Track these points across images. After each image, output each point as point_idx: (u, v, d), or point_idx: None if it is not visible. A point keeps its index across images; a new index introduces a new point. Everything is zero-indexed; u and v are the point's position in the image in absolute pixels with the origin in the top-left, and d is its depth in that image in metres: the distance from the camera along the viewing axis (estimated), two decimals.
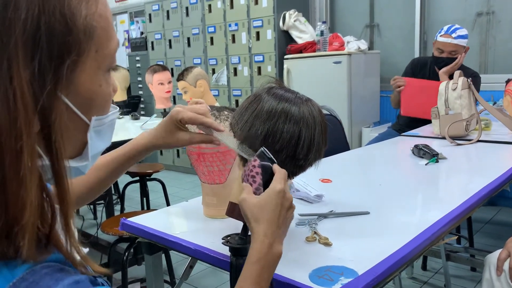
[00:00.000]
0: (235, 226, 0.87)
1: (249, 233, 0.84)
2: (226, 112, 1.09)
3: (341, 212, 1.10)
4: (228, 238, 0.84)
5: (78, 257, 0.49)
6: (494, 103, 2.92)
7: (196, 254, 0.95)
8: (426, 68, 2.88)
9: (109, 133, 0.58)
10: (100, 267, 0.51)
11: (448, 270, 2.33)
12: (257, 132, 0.77)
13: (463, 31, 2.68)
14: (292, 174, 0.82)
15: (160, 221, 1.12)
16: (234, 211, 0.83)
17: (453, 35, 2.66)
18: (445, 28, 2.72)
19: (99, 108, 0.52)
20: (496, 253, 1.29)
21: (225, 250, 0.86)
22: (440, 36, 2.71)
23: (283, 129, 0.77)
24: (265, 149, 0.75)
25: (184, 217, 1.16)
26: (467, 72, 2.54)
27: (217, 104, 2.69)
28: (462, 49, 2.70)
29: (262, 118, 0.78)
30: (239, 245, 0.81)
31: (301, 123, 0.77)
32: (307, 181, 1.27)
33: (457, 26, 2.70)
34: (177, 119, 0.83)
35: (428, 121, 2.38)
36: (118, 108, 0.60)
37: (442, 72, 2.71)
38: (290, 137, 0.77)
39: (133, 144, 0.88)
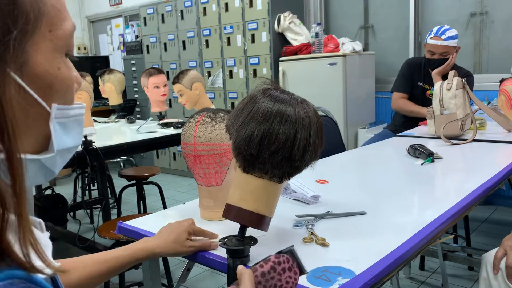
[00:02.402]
0: (232, 228, 0.88)
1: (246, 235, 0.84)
2: (221, 114, 1.09)
3: (338, 213, 1.10)
4: (225, 240, 0.84)
5: (39, 263, 0.44)
6: (489, 103, 2.93)
7: (193, 257, 0.95)
8: (420, 69, 2.89)
9: (77, 129, 0.55)
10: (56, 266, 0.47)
11: (446, 269, 2.33)
12: (252, 133, 0.78)
13: (453, 32, 2.69)
14: (288, 175, 0.82)
15: (157, 224, 1.12)
16: (231, 213, 0.83)
17: (443, 36, 2.67)
18: (435, 30, 2.73)
19: (61, 94, 0.50)
20: (493, 251, 1.30)
21: (222, 252, 0.86)
22: (430, 38, 2.73)
23: (279, 130, 0.77)
24: (296, 251, 0.68)
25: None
26: (460, 71, 2.56)
27: (213, 107, 2.69)
28: (453, 49, 2.71)
29: (257, 120, 0.78)
30: (237, 247, 0.82)
31: (297, 124, 0.77)
32: (303, 182, 1.27)
33: (446, 27, 2.71)
34: (189, 230, 0.94)
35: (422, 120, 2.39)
36: (85, 104, 0.58)
37: (434, 73, 2.73)
38: (286, 138, 0.77)
39: (139, 247, 0.93)
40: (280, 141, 0.77)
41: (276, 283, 0.63)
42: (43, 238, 0.52)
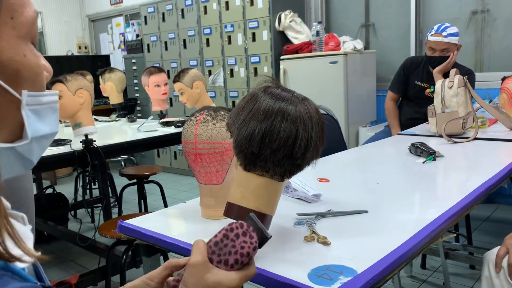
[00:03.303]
0: None
1: None
2: (222, 112, 1.08)
3: (339, 211, 1.10)
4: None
5: (17, 251, 0.44)
6: (490, 101, 2.93)
7: None
8: (420, 67, 2.89)
9: (52, 116, 0.54)
10: (34, 253, 0.46)
11: (447, 268, 2.33)
12: (254, 131, 0.77)
13: (454, 29, 2.69)
14: (289, 173, 0.82)
15: (158, 223, 1.12)
16: (232, 211, 0.83)
17: (444, 33, 2.68)
18: (435, 27, 2.73)
19: (29, 81, 0.50)
20: (495, 250, 1.29)
21: None
22: (431, 35, 2.73)
23: (280, 128, 0.76)
24: (255, 216, 0.65)
25: (182, 219, 1.16)
26: (461, 69, 2.55)
27: (213, 106, 2.69)
28: (454, 47, 2.71)
29: (259, 118, 0.77)
30: None
31: (298, 122, 0.77)
32: (305, 180, 1.26)
33: (447, 24, 2.71)
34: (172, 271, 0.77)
35: (425, 120, 2.38)
36: (57, 92, 0.58)
37: (436, 71, 2.73)
38: (287, 136, 0.76)
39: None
40: (282, 139, 0.76)
41: (230, 249, 0.63)
42: (25, 230, 0.52)
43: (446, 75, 2.55)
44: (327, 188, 1.33)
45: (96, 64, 6.10)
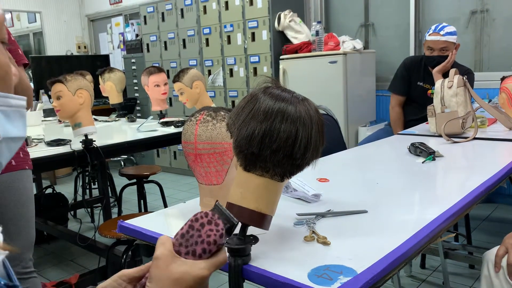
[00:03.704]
0: None
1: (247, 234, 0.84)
2: (222, 113, 1.09)
3: (339, 211, 1.10)
4: (227, 238, 0.84)
5: None
6: (489, 101, 2.93)
7: None
8: (420, 67, 2.89)
9: (20, 120, 0.54)
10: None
11: (447, 267, 2.33)
12: (254, 132, 0.77)
13: (451, 28, 2.70)
14: (289, 173, 0.82)
15: (158, 223, 1.12)
16: (232, 211, 0.83)
17: (441, 32, 2.68)
18: (433, 27, 2.74)
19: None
20: (494, 250, 1.30)
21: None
22: (429, 35, 2.73)
23: (280, 129, 0.76)
24: (220, 204, 0.66)
25: (182, 219, 1.16)
26: (460, 69, 2.55)
27: (213, 106, 2.69)
28: (452, 45, 2.71)
29: (259, 118, 0.77)
30: (238, 246, 0.81)
31: (298, 122, 0.77)
32: (304, 180, 1.27)
33: (444, 24, 2.72)
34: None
35: (424, 119, 2.38)
36: (25, 98, 0.58)
37: (435, 71, 2.73)
38: (287, 137, 0.77)
39: None
40: (282, 139, 0.77)
41: (197, 239, 0.62)
42: None
43: (445, 75, 2.55)
44: (326, 188, 1.33)
45: (95, 64, 6.09)
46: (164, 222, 1.15)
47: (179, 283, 0.60)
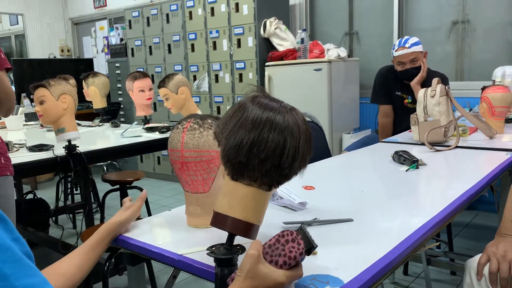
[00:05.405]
0: (219, 236, 0.87)
1: (234, 243, 0.83)
2: (209, 120, 1.08)
3: (325, 220, 1.11)
4: (213, 248, 0.83)
5: None
6: (470, 109, 2.99)
7: (180, 265, 0.94)
8: (396, 78, 2.89)
9: None
10: None
11: (429, 274, 2.36)
12: (242, 141, 0.77)
13: (415, 39, 2.77)
14: (277, 183, 0.82)
15: (142, 231, 1.11)
16: (219, 221, 0.82)
17: (406, 45, 2.75)
18: (397, 42, 2.82)
19: None
20: (476, 257, 1.32)
21: (210, 260, 0.86)
22: (396, 51, 2.79)
23: (268, 138, 0.76)
24: (305, 227, 0.76)
25: (167, 227, 1.15)
26: (435, 75, 2.58)
27: (199, 112, 2.68)
28: (421, 54, 2.77)
29: (247, 127, 0.77)
30: (225, 256, 0.81)
31: (286, 132, 0.77)
32: (290, 188, 1.27)
33: (407, 37, 2.81)
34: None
35: (408, 128, 2.41)
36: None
37: (414, 83, 2.77)
38: (275, 146, 0.77)
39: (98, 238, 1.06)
40: (270, 149, 0.77)
41: (280, 252, 0.73)
42: None
43: (424, 84, 2.59)
44: (312, 195, 1.34)
45: (79, 68, 6.03)
46: (149, 231, 1.13)
47: (260, 280, 0.72)
